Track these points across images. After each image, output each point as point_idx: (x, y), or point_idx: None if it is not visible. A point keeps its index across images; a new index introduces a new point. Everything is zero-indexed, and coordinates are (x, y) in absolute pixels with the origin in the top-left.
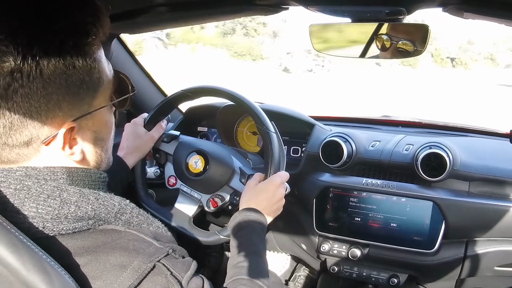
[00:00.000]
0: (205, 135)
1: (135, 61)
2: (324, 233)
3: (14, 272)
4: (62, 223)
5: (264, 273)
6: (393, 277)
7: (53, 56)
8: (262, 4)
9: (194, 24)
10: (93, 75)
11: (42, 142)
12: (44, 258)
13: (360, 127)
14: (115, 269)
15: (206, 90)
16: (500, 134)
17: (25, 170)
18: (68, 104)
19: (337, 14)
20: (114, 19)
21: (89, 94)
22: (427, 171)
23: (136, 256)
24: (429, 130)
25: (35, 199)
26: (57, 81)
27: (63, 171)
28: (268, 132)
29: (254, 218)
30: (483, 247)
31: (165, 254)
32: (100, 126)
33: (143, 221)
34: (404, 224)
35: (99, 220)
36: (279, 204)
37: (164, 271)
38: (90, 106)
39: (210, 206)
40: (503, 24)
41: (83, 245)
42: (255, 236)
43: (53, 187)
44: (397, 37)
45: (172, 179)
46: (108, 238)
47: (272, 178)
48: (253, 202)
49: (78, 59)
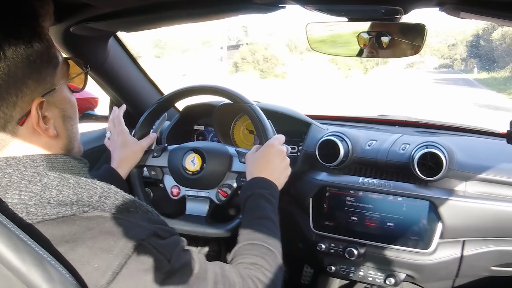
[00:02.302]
0: (201, 133)
1: (132, 60)
2: (321, 232)
3: (14, 271)
4: (46, 208)
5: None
6: (390, 277)
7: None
8: (259, 3)
9: (190, 23)
10: (50, 54)
11: (17, 123)
12: (44, 256)
13: (357, 126)
14: (102, 252)
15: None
16: (497, 134)
17: (5, 160)
18: (33, 81)
19: (333, 13)
20: (110, 17)
21: (49, 72)
22: (423, 171)
23: (122, 238)
24: (425, 129)
25: (17, 186)
26: (20, 60)
27: (42, 158)
28: (249, 105)
29: (259, 185)
30: (479, 247)
31: (151, 233)
32: (64, 103)
33: (130, 205)
34: (401, 223)
35: (83, 205)
36: (284, 164)
37: (150, 249)
38: (52, 84)
39: (220, 198)
40: (500, 23)
41: (69, 231)
42: (261, 201)
43: (33, 173)
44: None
45: (175, 189)
46: (94, 224)
47: (268, 142)
48: (256, 171)
49: (35, 40)
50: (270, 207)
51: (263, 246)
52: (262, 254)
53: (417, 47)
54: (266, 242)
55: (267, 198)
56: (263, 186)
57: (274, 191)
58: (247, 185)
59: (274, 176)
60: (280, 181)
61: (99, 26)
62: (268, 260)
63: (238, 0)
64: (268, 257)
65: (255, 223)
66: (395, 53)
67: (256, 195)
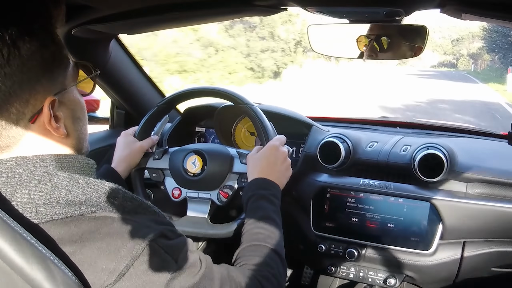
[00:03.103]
0: (203, 135)
1: (133, 62)
2: (321, 233)
3: (17, 270)
4: (55, 208)
5: (272, 235)
6: (390, 278)
7: (27, 36)
8: (261, 4)
9: (192, 25)
10: (62, 54)
11: (29, 120)
12: (47, 255)
13: (358, 127)
14: (110, 253)
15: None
16: (498, 136)
17: (15, 160)
18: (46, 80)
19: (335, 15)
20: (112, 19)
21: (61, 72)
22: (424, 172)
23: (130, 239)
24: (426, 131)
25: (26, 185)
26: (34, 58)
27: (52, 158)
28: (249, 106)
29: (260, 186)
30: (480, 248)
31: (158, 234)
32: (74, 104)
33: (138, 207)
34: (401, 224)
35: (91, 205)
36: (285, 165)
37: (158, 250)
38: (63, 84)
39: (222, 199)
40: (502, 25)
41: (76, 231)
42: (263, 202)
43: (43, 173)
44: (394, 38)
45: (176, 191)
46: (102, 225)
47: (269, 143)
48: (256, 172)
49: (48, 39)
50: (272, 207)
51: (266, 247)
52: (266, 255)
53: (419, 48)
54: (269, 242)
55: (269, 198)
56: (264, 187)
57: (276, 191)
58: (248, 186)
59: (276, 177)
60: (282, 182)
61: (101, 28)
62: (272, 260)
63: (240, 2)
64: (272, 258)
65: (258, 224)
66: (395, 55)
67: (258, 196)
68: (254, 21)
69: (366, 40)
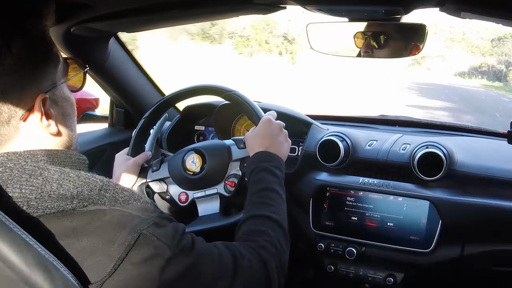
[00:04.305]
0: (202, 133)
1: (133, 60)
2: (321, 232)
3: (16, 271)
4: (46, 202)
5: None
6: (390, 277)
7: (18, 35)
8: (260, 3)
9: (191, 23)
10: (52, 52)
11: (20, 118)
12: (46, 256)
13: (357, 126)
14: (104, 245)
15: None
16: (498, 134)
17: (6, 156)
18: (37, 78)
19: (334, 14)
20: (111, 17)
21: (51, 70)
22: (424, 171)
23: (122, 230)
24: (426, 129)
25: (17, 180)
26: (25, 57)
27: (43, 153)
28: (232, 92)
29: (261, 159)
30: (479, 246)
31: (150, 223)
32: (64, 101)
33: (130, 197)
34: (401, 223)
35: (83, 199)
36: (283, 135)
37: (150, 238)
38: (53, 82)
39: (229, 189)
40: (500, 24)
41: (69, 225)
42: (264, 173)
43: (34, 167)
44: (392, 36)
45: (182, 196)
46: (94, 217)
47: (262, 119)
48: (256, 146)
49: (39, 38)
50: (274, 178)
51: (266, 216)
52: (267, 225)
53: (417, 47)
54: (269, 213)
55: (270, 170)
56: (265, 159)
57: (278, 163)
58: (250, 160)
59: (276, 148)
60: (282, 152)
61: (100, 26)
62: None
63: (238, 1)
64: (270, 227)
65: (258, 196)
66: (392, 53)
67: (259, 168)
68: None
69: (363, 37)
